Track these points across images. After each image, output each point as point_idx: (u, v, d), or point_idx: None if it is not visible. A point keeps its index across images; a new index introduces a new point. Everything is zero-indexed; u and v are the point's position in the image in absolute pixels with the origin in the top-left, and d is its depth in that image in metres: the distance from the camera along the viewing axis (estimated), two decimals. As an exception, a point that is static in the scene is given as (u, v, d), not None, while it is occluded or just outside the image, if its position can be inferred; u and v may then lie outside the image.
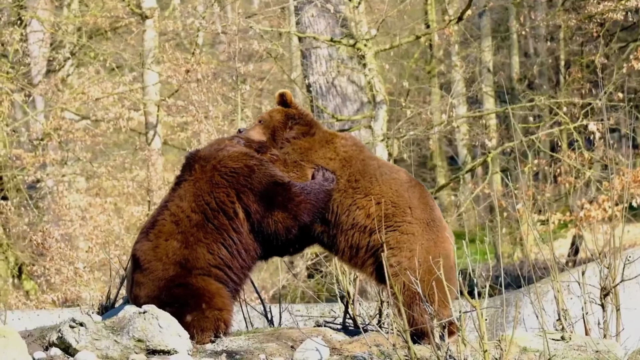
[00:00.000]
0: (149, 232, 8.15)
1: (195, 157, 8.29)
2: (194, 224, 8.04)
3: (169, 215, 8.13)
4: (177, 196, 8.18)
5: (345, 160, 8.18)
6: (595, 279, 8.84)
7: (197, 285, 7.97)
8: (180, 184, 8.23)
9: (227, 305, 8.01)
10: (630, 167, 18.49)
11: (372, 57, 21.93)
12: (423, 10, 30.04)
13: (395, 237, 8.02)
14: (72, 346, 7.48)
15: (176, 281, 7.96)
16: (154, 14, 25.12)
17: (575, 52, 28.52)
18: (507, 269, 22.35)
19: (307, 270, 23.47)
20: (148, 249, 8.08)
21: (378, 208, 8.01)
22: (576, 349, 7.95)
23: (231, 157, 8.18)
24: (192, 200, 8.09)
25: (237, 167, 8.11)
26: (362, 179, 8.13)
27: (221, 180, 8.09)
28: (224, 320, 7.97)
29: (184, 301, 7.90)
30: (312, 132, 8.34)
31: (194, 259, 8.00)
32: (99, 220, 23.04)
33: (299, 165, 8.21)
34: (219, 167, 8.14)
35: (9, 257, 24.08)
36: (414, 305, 7.76)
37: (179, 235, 8.03)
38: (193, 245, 8.01)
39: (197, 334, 7.88)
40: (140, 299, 8.03)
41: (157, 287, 7.98)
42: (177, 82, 24.05)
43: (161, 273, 7.99)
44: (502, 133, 27.80)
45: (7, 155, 23.38)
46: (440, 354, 7.25)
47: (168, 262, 8.00)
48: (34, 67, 25.27)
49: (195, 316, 7.90)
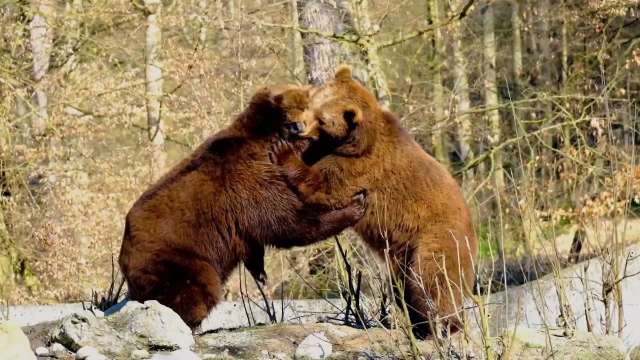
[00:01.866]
0: (145, 201, 8.12)
1: (216, 155, 8.09)
2: (185, 220, 7.98)
3: (167, 195, 8.05)
4: (181, 181, 8.07)
5: (392, 172, 8.21)
6: (598, 275, 8.83)
7: (182, 264, 7.94)
8: (191, 170, 8.09)
9: (212, 280, 7.99)
10: (632, 163, 18.41)
11: (375, 53, 21.93)
12: (426, 6, 30.03)
13: (444, 229, 8.11)
14: (74, 342, 7.49)
15: (161, 256, 7.94)
16: (157, 10, 25.12)
17: (578, 48, 28.51)
18: (509, 265, 22.36)
19: (310, 266, 23.48)
20: (139, 217, 8.06)
21: (428, 211, 8.14)
22: (578, 345, 7.95)
23: (245, 180, 8.01)
24: (191, 198, 7.99)
25: (244, 199, 8.02)
26: (412, 186, 8.19)
27: (225, 202, 7.99)
28: (211, 293, 7.96)
29: (168, 278, 7.90)
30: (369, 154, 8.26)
31: (181, 244, 7.97)
32: (102, 216, 23.07)
33: (343, 184, 8.16)
34: (228, 187, 8.00)
35: (12, 253, 24.09)
36: (435, 293, 7.75)
37: (170, 220, 7.98)
38: (181, 236, 7.97)
39: (189, 313, 7.87)
40: (129, 270, 8.05)
41: (143, 258, 7.96)
42: (180, 77, 24.04)
43: (148, 244, 7.97)
44: (505, 129, 27.78)
45: (10, 151, 23.38)
46: (442, 350, 7.25)
47: (155, 236, 7.97)
48: (37, 63, 25.26)
49: (183, 294, 7.89)
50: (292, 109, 8.06)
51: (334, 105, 8.05)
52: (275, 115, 8.07)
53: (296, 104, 8.08)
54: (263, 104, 8.12)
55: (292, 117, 8.04)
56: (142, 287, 8.00)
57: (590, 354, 7.84)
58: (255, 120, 8.11)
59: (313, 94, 8.18)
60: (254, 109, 8.16)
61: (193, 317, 7.91)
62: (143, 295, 7.97)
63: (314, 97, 8.14)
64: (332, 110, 8.03)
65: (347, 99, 8.07)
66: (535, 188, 22.99)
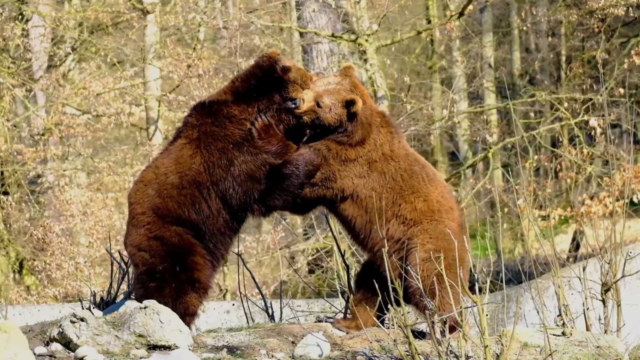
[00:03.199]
0: (137, 177, 8.28)
1: (194, 119, 8.13)
2: (169, 182, 8.01)
3: (154, 165, 8.16)
4: (167, 150, 8.18)
5: (391, 158, 8.22)
6: (596, 274, 8.84)
7: (172, 241, 7.97)
8: (176, 139, 8.17)
9: (199, 265, 8.01)
10: (631, 162, 18.51)
11: (374, 52, 21.93)
12: (424, 5, 30.05)
13: (438, 228, 8.12)
14: (73, 341, 7.49)
15: (153, 231, 7.98)
16: (155, 9, 25.11)
17: (577, 48, 28.51)
18: (508, 265, 22.37)
19: (308, 265, 23.48)
20: (133, 192, 8.18)
21: (425, 205, 8.17)
22: (577, 345, 7.96)
23: (218, 140, 8.02)
24: (173, 162, 8.04)
25: (216, 158, 8.02)
26: (410, 179, 8.22)
27: (200, 162, 8.01)
28: (199, 279, 7.98)
29: (159, 259, 7.92)
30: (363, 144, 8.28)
31: (164, 208, 8.00)
32: (100, 216, 23.06)
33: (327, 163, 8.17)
34: (203, 147, 8.03)
35: (10, 252, 24.07)
36: (434, 293, 7.76)
37: (154, 185, 8.04)
38: (165, 198, 8.01)
39: (181, 304, 7.89)
40: (127, 247, 8.14)
41: (137, 234, 8.03)
42: (179, 77, 24.05)
43: (140, 217, 8.03)
44: (503, 128, 27.79)
45: (9, 151, 23.37)
46: (441, 350, 7.25)
47: (144, 206, 8.03)
48: (35, 62, 25.25)
49: (172, 283, 7.91)
50: (296, 84, 8.07)
51: (335, 93, 8.11)
52: (274, 83, 8.06)
53: (300, 80, 8.10)
54: (267, 68, 8.07)
55: (293, 91, 8.05)
56: (137, 264, 8.08)
57: (588, 354, 7.84)
58: (248, 84, 8.10)
59: (316, 79, 8.23)
60: (254, 70, 8.13)
61: (185, 308, 7.91)
62: (138, 273, 8.06)
63: (316, 82, 8.19)
64: (333, 97, 8.10)
65: (348, 91, 8.13)
66: (534, 187, 22.99)
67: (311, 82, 8.17)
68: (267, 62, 8.08)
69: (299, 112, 8.03)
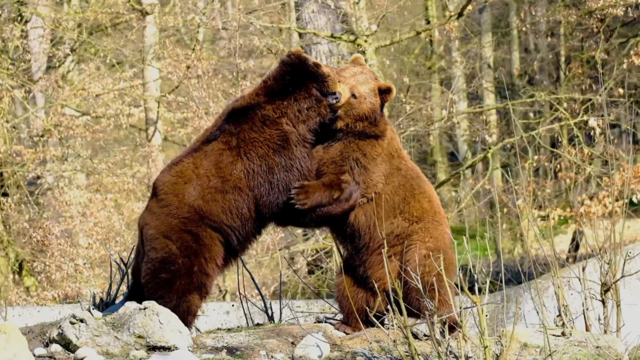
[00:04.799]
0: (172, 167, 8.12)
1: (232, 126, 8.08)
2: (212, 186, 7.96)
3: (192, 164, 8.05)
4: (204, 151, 8.07)
5: (397, 155, 8.27)
6: (596, 274, 8.84)
7: (204, 241, 7.94)
8: (211, 141, 8.10)
9: (214, 273, 8.00)
10: (630, 162, 18.51)
11: (373, 52, 21.92)
12: (423, 6, 30.06)
13: (439, 229, 8.19)
14: (72, 342, 7.49)
15: (188, 225, 7.92)
16: (155, 10, 25.11)
17: (576, 48, 28.51)
18: (507, 265, 22.36)
19: (308, 266, 23.47)
20: (168, 182, 8.05)
21: (429, 205, 8.23)
22: (577, 345, 7.95)
23: (257, 147, 7.98)
24: (213, 166, 7.99)
25: (256, 165, 8.01)
26: (417, 177, 8.30)
27: (241, 169, 7.98)
28: (205, 285, 7.97)
29: (183, 253, 7.87)
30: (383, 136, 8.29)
31: (207, 211, 7.94)
32: (100, 217, 23.04)
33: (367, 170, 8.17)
34: (243, 155, 8.00)
35: (10, 254, 24.07)
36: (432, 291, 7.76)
37: (197, 186, 7.96)
38: (209, 202, 7.95)
39: (185, 301, 7.87)
40: (148, 228, 8.00)
41: (168, 223, 7.93)
42: (178, 78, 24.03)
43: (175, 210, 7.94)
44: (503, 129, 27.79)
45: (8, 152, 23.36)
46: (440, 350, 7.25)
47: (184, 202, 7.94)
48: (34, 64, 25.24)
49: (183, 279, 7.87)
50: (332, 77, 8.06)
51: (366, 82, 8.16)
52: (309, 78, 8.02)
53: (333, 74, 8.10)
54: (299, 65, 8.03)
55: (332, 85, 8.03)
56: (155, 248, 7.94)
57: (588, 354, 7.84)
58: (282, 81, 8.05)
59: (340, 71, 8.23)
60: (286, 68, 8.07)
61: (189, 306, 7.90)
62: (152, 257, 7.93)
63: (342, 74, 8.17)
64: (366, 86, 8.14)
65: (375, 79, 8.23)
66: (533, 188, 22.98)
67: (340, 75, 8.19)
68: (297, 60, 8.04)
69: (339, 105, 8.03)
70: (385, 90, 8.15)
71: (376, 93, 8.15)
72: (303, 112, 8.03)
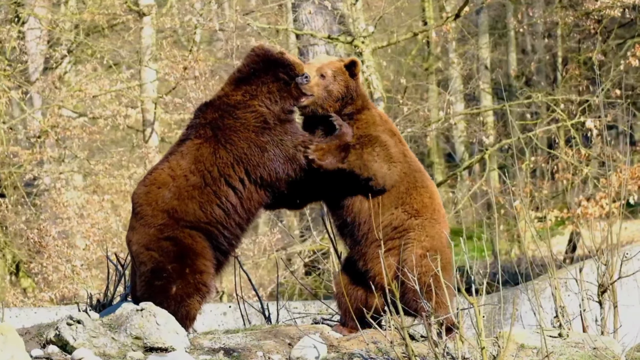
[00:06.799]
0: (146, 178, 8.13)
1: (202, 119, 8.09)
2: (190, 184, 7.95)
3: (167, 167, 8.04)
4: (179, 152, 8.06)
5: (403, 143, 8.31)
6: (593, 275, 8.84)
7: (184, 242, 7.91)
8: (185, 142, 8.09)
9: (208, 268, 7.96)
10: (627, 163, 18.49)
11: (370, 54, 21.94)
12: (420, 7, 30.07)
13: (436, 228, 8.15)
14: (69, 343, 7.48)
15: (165, 232, 7.90)
16: (152, 11, 25.11)
17: (573, 49, 28.53)
18: (504, 266, 22.36)
19: (305, 267, 23.48)
20: (142, 193, 8.04)
21: (430, 201, 8.20)
22: (574, 346, 7.96)
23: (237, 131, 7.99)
24: (192, 163, 7.97)
25: (245, 148, 8.04)
26: (420, 171, 8.28)
27: (227, 156, 7.97)
28: (205, 283, 7.94)
29: (169, 259, 7.85)
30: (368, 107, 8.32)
31: (182, 211, 7.92)
32: (97, 218, 23.04)
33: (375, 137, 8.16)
34: (224, 142, 7.99)
35: (7, 255, 24.07)
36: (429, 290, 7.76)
37: (173, 187, 7.95)
38: (185, 200, 7.93)
39: (184, 306, 7.85)
40: (132, 245, 8.01)
41: (146, 234, 7.93)
42: (175, 79, 24.04)
43: (150, 219, 7.93)
44: (500, 130, 27.81)
45: (5, 153, 23.35)
46: (438, 351, 7.25)
47: (157, 209, 7.93)
48: (31, 65, 25.25)
49: (179, 284, 7.84)
50: (297, 62, 8.16)
51: (331, 63, 8.24)
52: (275, 64, 8.08)
53: (299, 60, 8.21)
54: (264, 54, 8.13)
55: (299, 68, 8.10)
56: (143, 262, 7.94)
57: (585, 355, 7.84)
58: (248, 70, 8.12)
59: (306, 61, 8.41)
60: (252, 60, 8.15)
61: (188, 311, 7.88)
62: (143, 271, 7.93)
63: (307, 61, 8.34)
64: (332, 65, 8.20)
65: (340, 60, 8.29)
66: (531, 189, 23.01)
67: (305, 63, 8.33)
68: (261, 51, 8.15)
69: (310, 85, 8.06)
70: (350, 64, 8.21)
71: (344, 71, 8.18)
72: (274, 94, 8.06)
